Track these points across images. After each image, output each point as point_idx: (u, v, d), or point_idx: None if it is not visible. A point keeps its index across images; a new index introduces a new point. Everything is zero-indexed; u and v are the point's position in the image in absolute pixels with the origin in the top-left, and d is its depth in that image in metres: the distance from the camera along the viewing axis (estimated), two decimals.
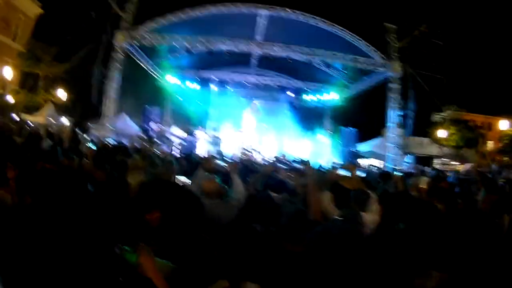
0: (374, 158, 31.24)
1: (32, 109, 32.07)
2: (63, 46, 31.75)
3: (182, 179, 8.49)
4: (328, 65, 29.69)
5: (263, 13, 27.02)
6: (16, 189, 5.10)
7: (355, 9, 39.46)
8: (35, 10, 39.75)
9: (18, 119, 26.88)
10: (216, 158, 14.65)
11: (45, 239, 3.24)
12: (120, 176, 7.20)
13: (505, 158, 35.75)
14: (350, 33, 27.54)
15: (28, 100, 32.78)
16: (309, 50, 27.48)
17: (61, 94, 31.71)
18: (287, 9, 27.02)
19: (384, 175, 12.86)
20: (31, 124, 25.85)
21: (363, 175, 13.00)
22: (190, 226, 3.37)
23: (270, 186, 7.53)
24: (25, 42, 37.64)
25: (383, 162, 29.15)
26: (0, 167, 5.31)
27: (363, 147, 33.50)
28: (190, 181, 7.98)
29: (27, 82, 33.67)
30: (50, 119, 29.23)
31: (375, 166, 25.38)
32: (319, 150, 30.25)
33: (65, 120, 29.76)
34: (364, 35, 28.19)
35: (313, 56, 27.95)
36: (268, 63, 30.23)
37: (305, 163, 10.70)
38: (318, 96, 35.51)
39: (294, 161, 18.02)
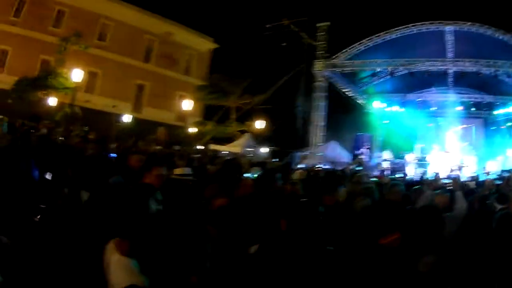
0: None
1: (224, 140, 34.86)
2: (256, 78, 34.48)
3: None
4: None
5: (450, 30, 28.50)
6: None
7: None
8: (207, 45, 44.68)
9: (203, 148, 29.56)
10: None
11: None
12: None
13: None
14: None
15: (218, 131, 35.74)
16: (494, 63, 28.56)
17: (259, 124, 33.75)
18: (474, 24, 28.10)
19: None
20: (224, 154, 28.38)
21: None
22: (431, 243, 3.49)
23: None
24: (204, 76, 41.84)
25: None
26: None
27: None
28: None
29: (216, 114, 36.80)
30: (248, 149, 31.10)
31: None
32: None
33: (264, 150, 31.82)
34: None
35: (499, 69, 28.93)
36: (462, 81, 31.17)
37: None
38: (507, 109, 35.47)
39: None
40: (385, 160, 29.77)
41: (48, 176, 6.12)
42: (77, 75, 28.21)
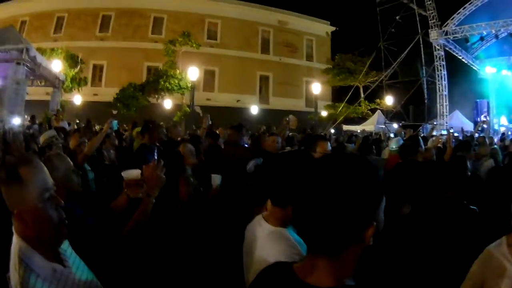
0: None
1: (355, 120, 37.22)
2: (377, 55, 35.68)
3: None
4: None
5: None
6: None
7: None
8: (324, 29, 47.81)
9: (332, 131, 30.97)
10: None
11: None
12: None
13: None
14: None
15: (349, 112, 37.59)
16: None
17: (388, 100, 35.10)
18: None
19: None
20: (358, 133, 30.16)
21: None
22: None
23: None
24: (327, 59, 44.87)
25: None
26: None
27: None
28: None
29: (344, 95, 38.27)
30: (380, 126, 33.38)
31: None
32: None
33: (395, 125, 32.89)
34: None
35: None
36: None
37: None
38: None
39: None
40: (502, 125, 30.57)
41: None
42: (193, 73, 28.24)
